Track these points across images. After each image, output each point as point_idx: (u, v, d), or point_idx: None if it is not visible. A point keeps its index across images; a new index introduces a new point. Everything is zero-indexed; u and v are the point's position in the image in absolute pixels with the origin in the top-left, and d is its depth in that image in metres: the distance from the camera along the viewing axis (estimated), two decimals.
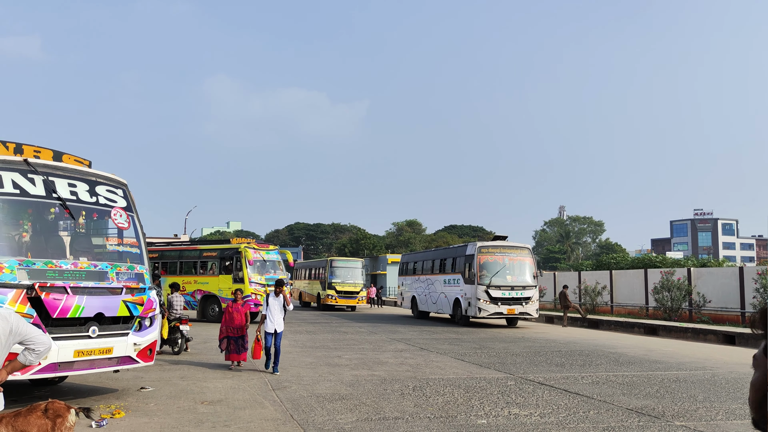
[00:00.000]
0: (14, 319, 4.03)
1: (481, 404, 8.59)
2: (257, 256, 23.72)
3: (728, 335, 18.95)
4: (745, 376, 11.51)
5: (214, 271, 24.49)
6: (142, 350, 8.60)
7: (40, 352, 4.13)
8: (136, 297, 8.53)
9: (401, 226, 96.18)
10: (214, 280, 23.93)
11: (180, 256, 26.00)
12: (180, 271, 25.34)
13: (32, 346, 4.08)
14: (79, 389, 9.45)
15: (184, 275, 24.88)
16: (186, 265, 25.67)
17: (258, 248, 24.34)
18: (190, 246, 27.60)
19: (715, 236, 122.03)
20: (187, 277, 24.61)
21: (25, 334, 4.06)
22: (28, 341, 4.08)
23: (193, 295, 23.85)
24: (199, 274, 24.78)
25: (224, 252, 24.21)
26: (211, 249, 25.27)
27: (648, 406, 8.61)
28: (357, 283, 35.87)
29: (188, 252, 26.21)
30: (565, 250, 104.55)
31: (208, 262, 24.92)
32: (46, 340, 4.20)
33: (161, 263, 25.95)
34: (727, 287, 23.85)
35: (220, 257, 24.28)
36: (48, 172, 8.26)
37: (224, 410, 8.04)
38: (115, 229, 9.09)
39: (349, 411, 8.06)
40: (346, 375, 11.05)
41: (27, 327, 4.11)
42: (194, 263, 25.42)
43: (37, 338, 4.11)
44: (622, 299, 29.48)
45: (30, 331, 4.10)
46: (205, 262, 25.01)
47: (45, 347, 4.16)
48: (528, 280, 22.81)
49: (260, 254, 24.01)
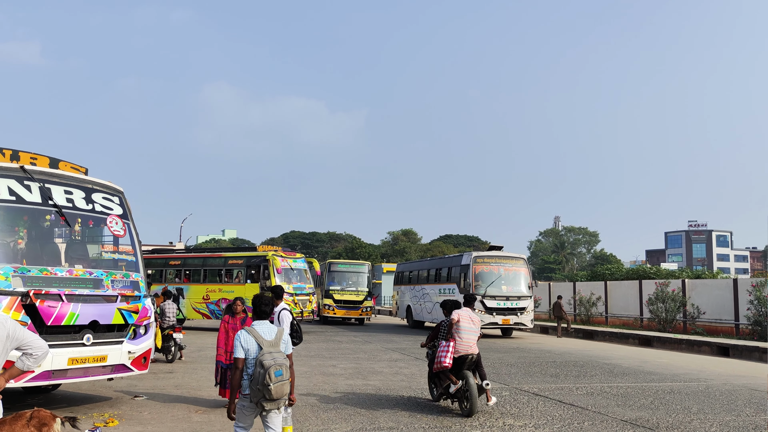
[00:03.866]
0: (11, 325, 4.02)
1: (476, 415, 8.58)
2: (285, 264, 23.17)
3: (722, 347, 18.98)
4: (740, 388, 11.54)
5: (240, 279, 23.96)
6: (136, 358, 8.56)
7: (38, 357, 4.11)
8: (131, 305, 8.51)
9: (397, 235, 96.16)
10: (240, 288, 23.17)
11: (204, 264, 25.56)
12: (204, 279, 24.87)
13: (30, 351, 4.06)
14: (73, 397, 9.40)
15: (209, 283, 24.45)
16: (211, 273, 25.14)
17: (285, 256, 23.86)
18: (215, 253, 27.19)
19: (709, 248, 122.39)
20: (212, 285, 24.20)
21: (22, 339, 4.04)
22: (25, 346, 4.06)
23: (217, 304, 23.41)
24: (225, 282, 24.20)
25: (251, 260, 23.84)
26: (237, 257, 24.88)
27: (642, 417, 8.61)
28: (361, 290, 29.80)
29: (213, 259, 25.74)
30: (560, 260, 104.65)
31: (233, 270, 24.40)
32: (44, 345, 4.18)
33: (184, 270, 25.61)
34: (721, 299, 23.89)
35: (246, 265, 23.85)
36: (44, 179, 8.26)
37: (218, 419, 8.01)
38: (110, 237, 9.07)
39: (344, 421, 8.05)
40: (340, 385, 11.03)
41: (24, 332, 4.09)
42: (219, 271, 24.89)
43: (34, 343, 4.09)
44: (617, 310, 29.50)
45: (27, 337, 4.08)
46: (231, 270, 24.49)
47: (43, 352, 4.14)
48: (523, 290, 22.82)
49: (288, 262, 23.48)
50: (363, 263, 32.63)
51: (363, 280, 30.45)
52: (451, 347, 8.71)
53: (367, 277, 30.70)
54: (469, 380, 8.52)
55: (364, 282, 30.37)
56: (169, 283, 25.11)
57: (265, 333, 5.14)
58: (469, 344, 8.86)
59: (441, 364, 8.68)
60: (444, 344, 8.81)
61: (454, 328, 8.90)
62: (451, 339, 8.82)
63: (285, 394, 5.03)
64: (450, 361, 8.63)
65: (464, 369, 8.75)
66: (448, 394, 8.88)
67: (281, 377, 4.92)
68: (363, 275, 30.66)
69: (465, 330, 8.85)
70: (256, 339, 5.08)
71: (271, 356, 4.97)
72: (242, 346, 5.05)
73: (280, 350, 5.10)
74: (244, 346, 5.05)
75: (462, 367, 8.75)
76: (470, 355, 8.84)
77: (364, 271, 31.00)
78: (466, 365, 8.80)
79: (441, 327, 9.29)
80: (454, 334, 8.85)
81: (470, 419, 8.28)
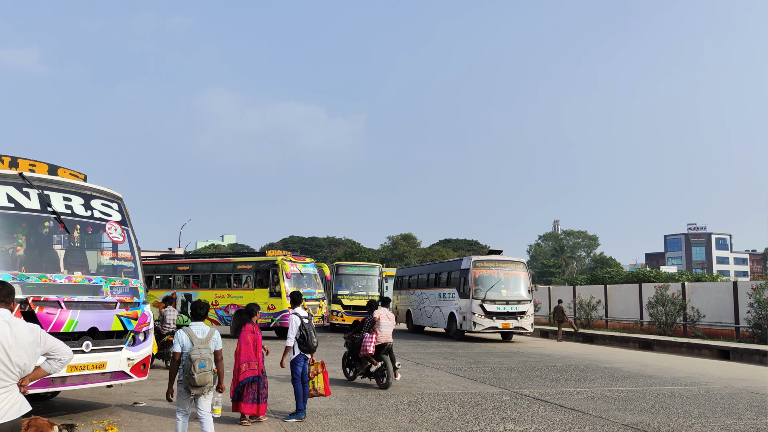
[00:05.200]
0: (39, 332, 4.19)
1: (477, 420, 8.56)
2: (294, 269, 22.93)
3: (723, 350, 18.97)
4: (740, 391, 11.52)
5: (249, 284, 23.69)
6: (135, 365, 8.54)
7: (64, 361, 4.34)
8: (130, 311, 8.49)
9: (396, 239, 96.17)
10: (248, 293, 22.94)
11: (213, 269, 25.35)
12: (212, 285, 24.67)
13: (57, 356, 4.27)
14: (72, 404, 9.37)
15: (217, 289, 24.29)
16: (219, 279, 24.93)
17: (295, 261, 23.64)
18: (223, 258, 26.96)
19: (708, 251, 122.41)
20: (221, 291, 24.03)
21: (52, 345, 4.25)
22: (54, 352, 4.26)
23: (226, 310, 23.24)
24: (233, 288, 23.95)
25: (260, 265, 23.57)
26: (245, 261, 24.64)
27: (643, 421, 8.59)
28: (372, 295, 26.74)
29: (221, 265, 25.50)
30: (560, 264, 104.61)
31: (242, 276, 24.15)
32: (69, 351, 4.40)
33: (192, 276, 25.44)
34: (721, 302, 23.88)
35: (255, 270, 23.61)
36: (43, 186, 8.26)
37: (218, 427, 7.97)
38: (109, 243, 9.06)
39: (344, 426, 8.03)
40: (340, 390, 11.00)
41: (52, 339, 4.31)
42: (228, 276, 24.64)
43: (62, 349, 4.30)
44: (617, 314, 29.48)
45: (55, 344, 4.29)
46: (240, 276, 24.23)
47: (69, 357, 4.37)
48: (523, 294, 22.79)
49: (297, 267, 23.22)
50: (374, 265, 30.06)
51: (374, 283, 28.25)
52: (374, 338, 11.17)
53: (378, 281, 28.46)
54: (387, 362, 11.22)
55: (375, 286, 28.13)
56: (178, 288, 25.06)
57: (198, 332, 6.41)
58: (387, 336, 11.34)
59: (366, 351, 11.19)
60: (368, 336, 11.27)
61: (376, 324, 11.29)
62: (373, 332, 11.27)
63: (208, 382, 6.26)
64: (373, 349, 11.14)
65: (382, 354, 11.25)
66: (367, 373, 11.53)
67: (204, 368, 6.18)
68: (374, 278, 28.48)
69: (384, 325, 11.30)
70: (190, 337, 6.34)
71: (199, 351, 6.23)
72: (180, 343, 6.32)
73: (208, 347, 6.34)
74: (181, 343, 6.32)
75: (380, 353, 11.23)
76: (387, 343, 11.32)
77: (375, 273, 28.78)
78: (384, 351, 11.25)
79: (365, 323, 11.65)
80: (376, 328, 11.27)
81: (470, 425, 8.27)
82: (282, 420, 8.34)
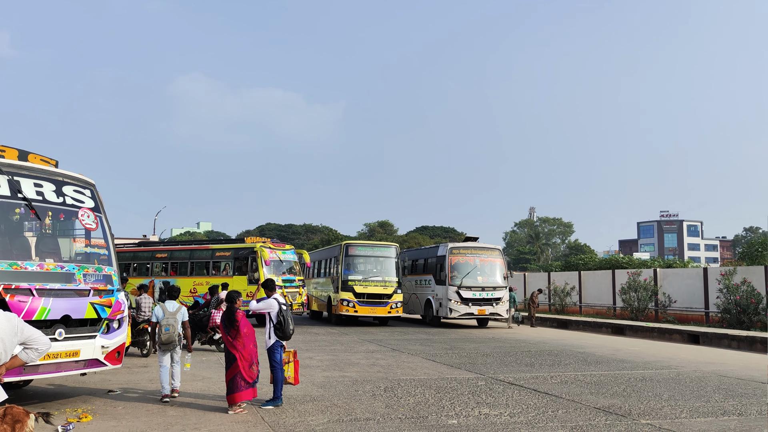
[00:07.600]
0: (17, 321, 4.24)
1: (452, 404, 8.65)
2: (274, 256, 22.62)
3: (693, 335, 19.37)
4: (709, 375, 11.79)
5: (227, 271, 23.51)
6: (110, 353, 8.46)
7: (42, 351, 4.41)
8: (104, 299, 8.40)
9: (373, 226, 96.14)
10: (227, 281, 22.33)
11: (191, 257, 25.17)
12: (191, 272, 24.53)
13: (35, 345, 4.32)
14: (45, 393, 9.26)
15: (196, 276, 24.13)
16: (198, 266, 24.80)
17: (274, 248, 23.31)
18: (202, 246, 26.70)
19: (680, 237, 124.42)
20: (199, 278, 23.83)
21: (29, 335, 4.31)
22: (31, 341, 4.31)
23: (204, 297, 23.24)
24: (212, 275, 23.69)
25: (239, 252, 23.34)
26: (224, 249, 24.38)
27: (615, 404, 8.76)
28: (389, 281, 23.30)
29: (200, 252, 25.34)
30: (535, 251, 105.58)
31: (221, 263, 24.00)
32: (47, 340, 4.47)
33: (170, 264, 25.21)
34: (691, 288, 24.38)
35: (234, 257, 23.41)
36: (13, 172, 8.09)
37: (194, 413, 7.97)
38: (82, 230, 8.94)
39: (321, 412, 8.06)
40: (317, 376, 11.03)
41: (29, 328, 4.36)
42: (206, 264, 24.52)
43: (39, 339, 4.38)
44: (591, 300, 29.93)
45: (33, 333, 4.35)
46: (218, 263, 24.09)
47: (47, 347, 4.45)
48: (498, 281, 23.02)
49: (276, 254, 22.92)
50: (390, 245, 25.12)
51: (391, 267, 23.76)
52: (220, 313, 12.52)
53: (396, 263, 23.89)
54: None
55: (391, 269, 23.70)
56: (156, 276, 24.85)
57: (169, 307, 9.09)
58: None
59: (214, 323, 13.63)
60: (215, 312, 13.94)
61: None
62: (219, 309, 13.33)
63: (172, 341, 8.83)
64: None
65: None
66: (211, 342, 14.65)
67: (168, 332, 8.84)
68: (391, 261, 23.86)
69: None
70: (163, 310, 9.02)
71: (167, 320, 8.92)
72: (156, 314, 9.07)
73: (176, 318, 8.98)
74: (156, 314, 9.06)
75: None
76: None
77: (392, 255, 24.05)
78: None
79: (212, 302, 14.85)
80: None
81: (446, 410, 8.35)
82: (259, 407, 8.35)
